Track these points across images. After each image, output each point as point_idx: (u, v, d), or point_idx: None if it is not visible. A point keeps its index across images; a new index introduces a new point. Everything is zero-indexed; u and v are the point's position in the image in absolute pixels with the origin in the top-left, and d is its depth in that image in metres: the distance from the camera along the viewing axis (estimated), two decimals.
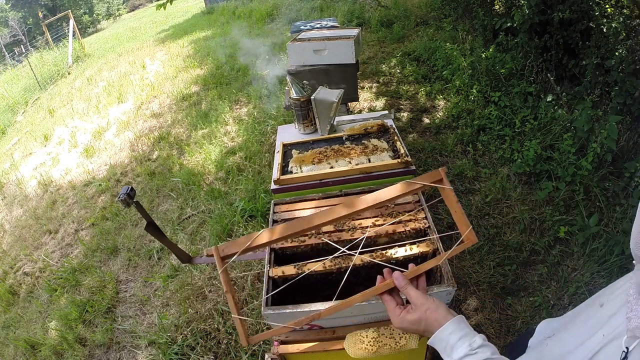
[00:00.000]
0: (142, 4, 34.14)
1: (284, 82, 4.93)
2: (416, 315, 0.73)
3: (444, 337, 0.69)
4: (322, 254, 1.36)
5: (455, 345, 0.67)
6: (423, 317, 0.72)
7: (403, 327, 0.75)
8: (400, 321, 0.75)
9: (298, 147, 1.85)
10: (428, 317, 0.72)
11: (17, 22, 23.24)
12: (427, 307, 0.73)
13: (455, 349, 0.67)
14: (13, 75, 12.14)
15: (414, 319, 0.73)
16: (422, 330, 0.73)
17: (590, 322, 0.68)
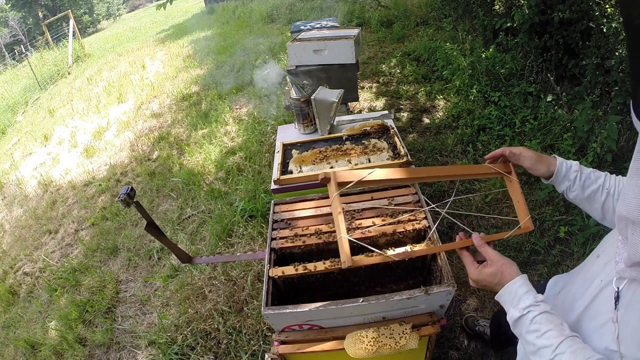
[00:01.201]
0: (142, 4, 34.15)
1: (284, 82, 4.93)
2: (493, 269, 0.83)
3: (514, 289, 0.78)
4: (322, 254, 1.37)
5: (522, 297, 0.76)
6: (499, 271, 0.82)
7: (479, 280, 0.84)
8: (478, 273, 0.85)
9: (298, 147, 1.85)
10: (503, 271, 0.81)
11: (17, 22, 23.23)
12: (502, 263, 0.82)
13: (522, 299, 0.76)
14: (13, 75, 12.14)
15: (491, 272, 0.83)
16: (495, 282, 0.82)
17: (590, 272, 0.79)
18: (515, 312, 0.76)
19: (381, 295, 1.12)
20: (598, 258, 0.78)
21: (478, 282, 0.85)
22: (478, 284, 0.86)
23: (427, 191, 2.79)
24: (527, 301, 0.75)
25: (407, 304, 1.15)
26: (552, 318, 0.72)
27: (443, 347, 1.88)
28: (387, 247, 1.35)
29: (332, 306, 1.11)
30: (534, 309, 0.74)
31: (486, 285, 0.84)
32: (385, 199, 1.48)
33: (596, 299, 0.72)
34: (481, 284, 0.85)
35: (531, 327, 0.73)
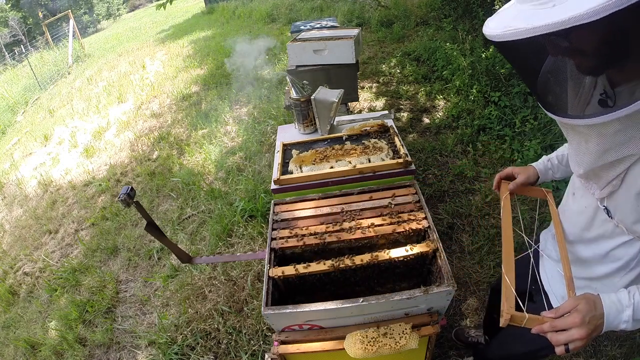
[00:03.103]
0: (142, 4, 34.15)
1: (284, 82, 4.93)
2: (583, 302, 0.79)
3: (609, 303, 0.79)
4: (322, 254, 1.37)
5: (619, 298, 0.79)
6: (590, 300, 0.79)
7: (584, 313, 0.78)
8: (579, 314, 0.79)
9: (298, 147, 1.85)
10: (587, 297, 0.80)
11: (17, 22, 23.23)
12: (579, 297, 0.81)
13: (621, 300, 0.78)
14: (13, 75, 12.15)
15: (585, 304, 0.79)
16: (594, 308, 0.78)
17: (574, 208, 0.99)
18: (628, 311, 0.77)
19: (381, 295, 1.12)
20: (574, 195, 1.00)
21: (584, 319, 0.77)
22: (585, 321, 0.77)
23: (427, 191, 2.79)
24: (624, 295, 0.78)
25: (407, 304, 1.15)
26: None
27: (443, 347, 1.88)
28: (386, 247, 1.36)
29: (332, 306, 1.11)
30: (632, 292, 0.78)
31: (591, 318, 0.78)
32: (386, 199, 1.48)
33: (594, 219, 0.90)
34: (587, 319, 0.77)
35: None
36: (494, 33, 0.71)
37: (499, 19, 0.74)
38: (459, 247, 2.39)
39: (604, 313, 0.77)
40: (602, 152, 0.75)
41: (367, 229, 1.36)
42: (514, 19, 0.69)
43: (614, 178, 0.78)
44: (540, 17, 0.63)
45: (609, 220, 0.86)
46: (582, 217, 0.96)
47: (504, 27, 0.69)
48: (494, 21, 0.76)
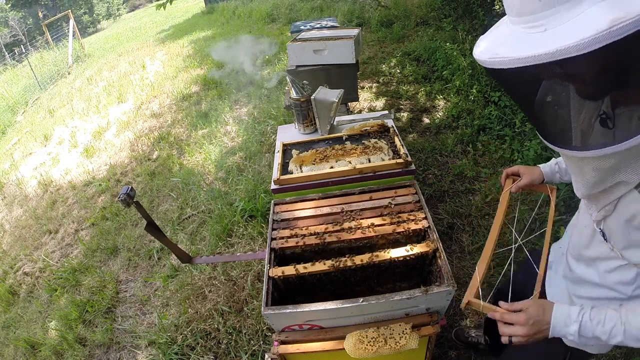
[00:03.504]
0: (142, 4, 34.15)
1: (284, 82, 4.93)
2: (534, 305, 0.88)
3: (559, 313, 0.85)
4: (322, 254, 1.37)
5: (569, 312, 0.85)
6: (539, 305, 0.88)
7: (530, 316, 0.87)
8: (526, 314, 0.88)
9: (298, 147, 1.85)
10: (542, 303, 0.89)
11: (17, 22, 23.23)
12: (534, 301, 0.90)
13: (571, 313, 0.84)
14: (13, 75, 12.15)
15: (535, 308, 0.88)
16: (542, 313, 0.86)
17: (578, 224, 1.01)
18: (574, 326, 0.83)
19: (381, 295, 1.12)
20: (579, 212, 1.03)
21: (529, 320, 0.86)
22: (529, 323, 0.86)
23: (427, 191, 2.79)
24: (575, 311, 0.84)
25: (407, 304, 1.15)
26: (600, 308, 0.82)
27: (443, 347, 1.88)
28: (386, 247, 1.36)
29: (332, 306, 1.11)
30: (584, 310, 0.83)
31: (536, 322, 0.86)
32: (386, 199, 1.48)
33: (592, 240, 0.91)
34: (532, 321, 0.86)
35: (593, 322, 0.81)
36: (482, 58, 0.69)
37: (490, 41, 0.73)
38: (459, 247, 2.39)
39: (550, 321, 0.85)
40: (596, 182, 0.76)
41: (367, 229, 1.36)
42: (502, 44, 0.68)
43: (608, 204, 0.78)
44: (529, 44, 0.61)
45: (604, 242, 0.86)
46: (583, 235, 0.96)
47: (492, 53, 0.68)
48: (484, 41, 0.74)
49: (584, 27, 0.55)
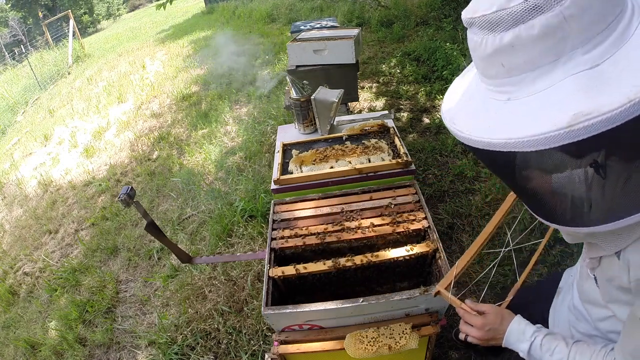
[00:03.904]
0: (142, 4, 34.16)
1: (284, 82, 4.94)
2: (493, 313, 0.92)
3: (515, 327, 0.88)
4: (322, 254, 1.37)
5: (525, 329, 0.87)
6: (499, 313, 0.91)
7: (486, 324, 0.91)
8: (483, 319, 0.91)
9: (298, 147, 1.85)
10: (503, 313, 0.91)
11: (17, 22, 23.22)
12: (498, 308, 0.93)
13: (526, 331, 0.87)
14: (13, 75, 12.15)
15: (493, 317, 0.91)
16: (499, 323, 0.90)
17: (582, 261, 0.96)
18: (525, 345, 0.86)
19: (381, 295, 1.12)
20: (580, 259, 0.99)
21: (485, 325, 0.90)
22: (484, 328, 0.91)
23: (427, 191, 2.79)
24: (530, 330, 0.86)
25: (407, 304, 1.15)
26: (555, 336, 0.84)
27: (443, 347, 1.88)
28: (386, 247, 1.36)
29: (332, 306, 1.11)
30: (538, 334, 0.85)
31: (491, 330, 0.90)
32: (386, 199, 1.48)
33: (586, 281, 0.89)
34: (487, 328, 0.90)
35: (543, 348, 0.83)
36: (443, 115, 0.65)
37: (454, 96, 0.68)
38: (459, 247, 2.39)
39: (505, 332, 0.89)
40: (574, 239, 0.77)
41: (367, 229, 1.36)
42: (462, 108, 0.63)
43: (593, 258, 0.77)
44: (485, 120, 0.56)
45: (596, 289, 0.84)
46: (583, 273, 0.92)
47: (450, 117, 0.63)
48: (450, 92, 0.69)
49: (544, 115, 0.49)
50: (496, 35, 0.52)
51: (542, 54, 0.50)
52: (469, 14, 0.55)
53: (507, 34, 0.50)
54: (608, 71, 0.47)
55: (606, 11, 0.48)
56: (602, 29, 0.48)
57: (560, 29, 0.47)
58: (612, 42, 0.48)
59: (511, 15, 0.49)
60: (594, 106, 0.45)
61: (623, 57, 0.47)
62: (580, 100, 0.46)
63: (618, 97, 0.44)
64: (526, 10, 0.48)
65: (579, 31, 0.47)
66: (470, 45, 0.58)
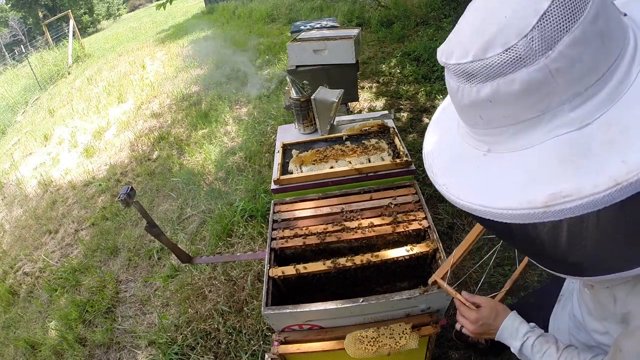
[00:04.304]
0: (142, 4, 34.16)
1: (284, 82, 4.93)
2: (488, 307, 0.92)
3: (509, 324, 0.88)
4: (323, 254, 1.37)
5: (519, 328, 0.87)
6: (494, 308, 0.92)
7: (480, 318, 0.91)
8: (477, 313, 0.92)
9: (298, 147, 1.85)
10: (497, 308, 0.92)
11: (17, 22, 23.23)
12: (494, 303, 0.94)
13: (519, 330, 0.87)
14: (13, 75, 12.14)
15: (488, 311, 0.91)
16: (493, 318, 0.90)
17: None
18: (517, 343, 0.86)
19: (381, 295, 1.12)
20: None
21: (478, 320, 0.91)
22: (478, 323, 0.91)
23: (427, 191, 2.79)
24: (523, 330, 0.87)
25: (407, 304, 1.15)
26: (548, 338, 0.84)
27: (443, 347, 1.88)
28: (386, 247, 1.36)
29: (332, 306, 1.11)
30: (531, 334, 0.85)
31: (485, 324, 0.91)
32: (386, 199, 1.48)
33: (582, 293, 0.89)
34: (481, 322, 0.91)
35: (534, 349, 0.84)
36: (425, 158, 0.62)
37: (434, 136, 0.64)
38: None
39: (499, 327, 0.89)
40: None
41: (367, 229, 1.36)
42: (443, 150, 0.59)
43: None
44: (464, 173, 0.53)
45: (591, 303, 0.82)
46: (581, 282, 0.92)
47: (429, 161, 0.60)
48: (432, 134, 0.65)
49: (521, 185, 0.44)
50: (472, 86, 0.46)
51: (524, 110, 0.44)
52: (443, 58, 0.49)
53: (484, 86, 0.44)
54: (596, 136, 0.41)
55: (600, 60, 0.41)
56: (594, 80, 0.41)
57: (546, 84, 0.41)
58: (605, 96, 0.41)
59: (488, 67, 0.43)
60: (574, 186, 0.39)
61: (616, 117, 0.41)
62: (559, 175, 0.41)
63: (603, 179, 0.38)
64: (505, 63, 0.41)
65: (567, 86, 0.41)
66: (448, 89, 0.53)
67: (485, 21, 0.44)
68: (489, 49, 0.42)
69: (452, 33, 0.50)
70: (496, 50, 0.41)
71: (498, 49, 0.41)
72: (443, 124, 0.65)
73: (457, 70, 0.47)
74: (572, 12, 0.39)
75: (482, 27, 0.44)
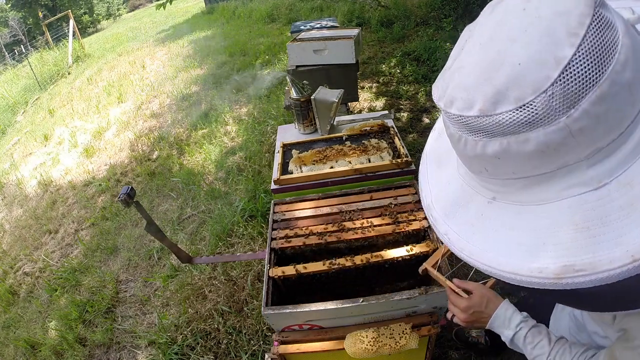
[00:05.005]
0: (142, 4, 34.15)
1: (284, 82, 4.93)
2: (478, 294, 0.89)
3: (502, 313, 0.86)
4: (323, 254, 1.37)
5: (511, 317, 0.85)
6: (485, 295, 0.88)
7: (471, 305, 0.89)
8: (468, 301, 0.89)
9: (298, 147, 1.85)
10: (489, 296, 0.88)
11: (17, 22, 23.23)
12: (485, 290, 0.90)
13: (512, 319, 0.85)
14: (13, 75, 12.14)
15: (479, 298, 0.88)
16: (484, 306, 0.87)
17: None
18: (509, 332, 0.84)
19: (381, 295, 1.12)
20: None
21: (469, 308, 0.89)
22: (468, 311, 0.89)
23: None
24: (516, 320, 0.84)
25: (407, 304, 1.15)
26: (540, 329, 0.83)
27: (443, 347, 1.88)
28: (386, 247, 1.36)
29: (332, 306, 1.11)
30: (524, 325, 0.83)
31: (476, 312, 0.89)
32: (386, 199, 1.48)
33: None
34: (472, 310, 0.89)
35: (526, 340, 0.82)
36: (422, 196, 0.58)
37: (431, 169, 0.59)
38: None
39: (491, 315, 0.87)
40: None
41: (367, 229, 1.36)
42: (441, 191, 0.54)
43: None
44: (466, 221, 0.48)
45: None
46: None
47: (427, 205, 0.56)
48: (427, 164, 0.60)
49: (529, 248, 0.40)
50: (477, 140, 0.40)
51: (536, 167, 0.39)
52: (440, 103, 0.43)
53: (491, 142, 0.39)
54: (615, 199, 0.36)
55: (625, 114, 0.35)
56: (617, 135, 0.35)
57: (564, 145, 0.35)
58: (628, 151, 0.36)
59: (498, 125, 0.36)
60: (588, 261, 0.36)
61: (637, 176, 0.36)
62: (573, 244, 0.37)
63: (619, 254, 0.34)
64: (519, 123, 0.35)
65: (588, 144, 0.36)
66: (447, 133, 0.46)
67: (494, 65, 0.36)
68: (499, 104, 0.36)
69: (452, 69, 0.43)
70: (508, 106, 0.35)
71: (510, 105, 0.35)
72: (439, 154, 0.59)
73: (459, 122, 0.40)
74: (600, 61, 0.32)
75: (489, 73, 0.37)
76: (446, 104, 0.41)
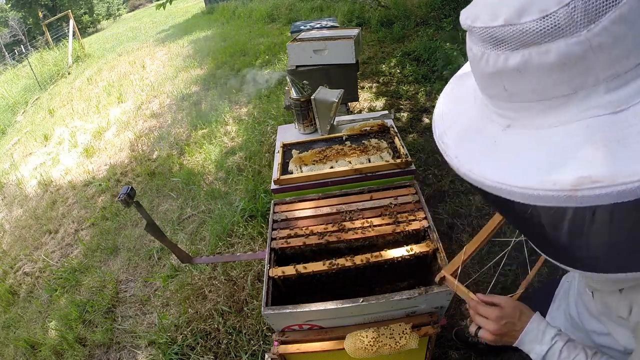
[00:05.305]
0: (142, 4, 34.16)
1: (284, 82, 4.93)
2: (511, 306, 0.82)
3: (535, 327, 0.79)
4: (323, 254, 1.37)
5: (545, 331, 0.78)
6: (517, 307, 0.82)
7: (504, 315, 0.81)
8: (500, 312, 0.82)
9: (298, 147, 1.85)
10: (521, 308, 0.82)
11: (17, 22, 23.23)
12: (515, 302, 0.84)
13: (546, 333, 0.78)
14: (13, 75, 12.15)
15: (511, 310, 0.82)
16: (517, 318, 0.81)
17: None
18: (543, 347, 0.77)
19: (381, 295, 1.12)
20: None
21: (501, 319, 0.81)
22: (500, 322, 0.81)
23: (427, 191, 2.79)
24: (551, 333, 0.78)
25: (407, 304, 1.15)
26: (576, 344, 0.77)
27: (443, 347, 1.88)
28: (386, 247, 1.36)
29: (332, 306, 1.11)
30: (559, 339, 0.77)
31: (508, 323, 0.81)
32: (386, 199, 1.48)
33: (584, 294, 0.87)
34: (504, 321, 0.81)
35: (562, 355, 0.75)
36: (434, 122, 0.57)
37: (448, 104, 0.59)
38: (459, 247, 2.39)
39: (523, 329, 0.80)
40: None
41: (367, 229, 1.36)
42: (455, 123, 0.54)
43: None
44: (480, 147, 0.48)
45: (592, 302, 0.79)
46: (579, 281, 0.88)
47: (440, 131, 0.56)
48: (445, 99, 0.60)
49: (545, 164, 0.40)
50: (500, 53, 0.41)
51: (555, 84, 0.40)
52: (468, 21, 0.44)
53: (513, 55, 0.40)
54: (633, 124, 0.37)
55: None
56: (634, 64, 0.37)
57: (584, 59, 0.37)
58: None
59: (522, 34, 0.38)
60: (606, 172, 0.36)
61: None
62: (591, 158, 0.37)
63: (638, 167, 0.35)
64: (542, 31, 0.37)
65: (607, 65, 0.37)
66: (469, 55, 0.48)
67: None
68: (524, 14, 0.37)
69: None
70: (532, 15, 0.37)
71: (534, 15, 0.37)
72: (457, 94, 0.59)
73: (484, 35, 0.41)
74: None
75: None
76: (473, 20, 0.43)
